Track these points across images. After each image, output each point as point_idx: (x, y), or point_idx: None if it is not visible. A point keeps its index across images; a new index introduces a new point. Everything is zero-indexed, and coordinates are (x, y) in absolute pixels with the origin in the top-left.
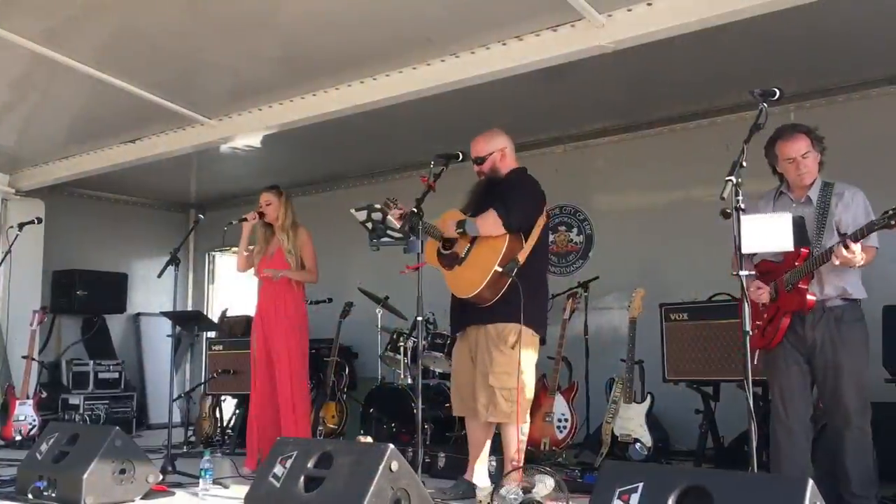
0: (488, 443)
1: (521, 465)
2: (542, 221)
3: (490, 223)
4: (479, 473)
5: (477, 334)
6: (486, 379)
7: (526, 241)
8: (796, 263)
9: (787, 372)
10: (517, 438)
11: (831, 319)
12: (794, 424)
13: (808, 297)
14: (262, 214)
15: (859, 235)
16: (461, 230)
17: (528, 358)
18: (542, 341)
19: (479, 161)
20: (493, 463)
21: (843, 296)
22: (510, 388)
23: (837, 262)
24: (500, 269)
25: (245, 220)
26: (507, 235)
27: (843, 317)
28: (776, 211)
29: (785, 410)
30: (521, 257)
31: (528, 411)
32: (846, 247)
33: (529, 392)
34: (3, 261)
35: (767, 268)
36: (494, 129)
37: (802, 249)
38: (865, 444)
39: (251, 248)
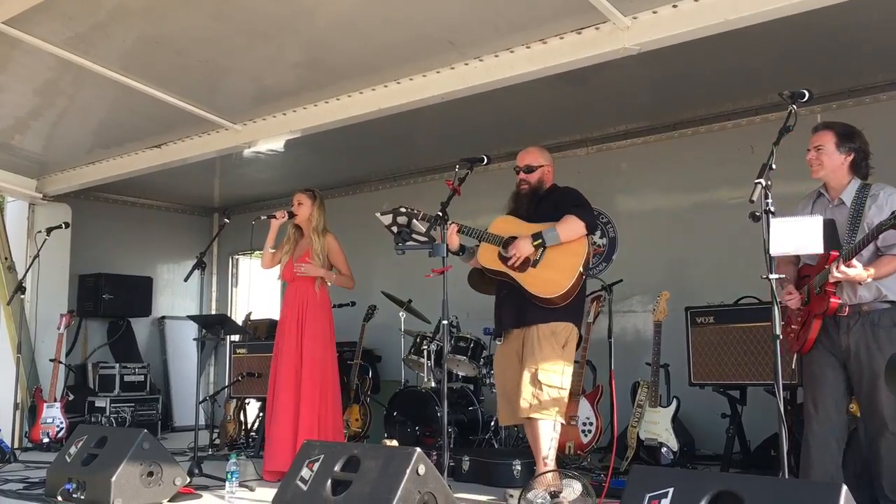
0: None
1: (553, 466)
2: None
3: (574, 228)
4: None
5: (526, 334)
6: (535, 375)
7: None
8: (826, 266)
9: (820, 376)
10: (551, 437)
11: (867, 324)
12: (825, 428)
13: (832, 300)
14: (292, 214)
15: (857, 249)
16: (539, 241)
17: (572, 356)
18: (579, 341)
19: (530, 170)
20: (518, 466)
21: (880, 298)
22: (557, 387)
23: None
24: (582, 270)
25: (274, 216)
26: (585, 238)
27: (881, 322)
28: (814, 212)
29: (816, 414)
30: (590, 258)
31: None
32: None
33: (567, 393)
34: (31, 265)
35: (807, 272)
36: (542, 147)
37: (832, 252)
38: None
39: (273, 249)
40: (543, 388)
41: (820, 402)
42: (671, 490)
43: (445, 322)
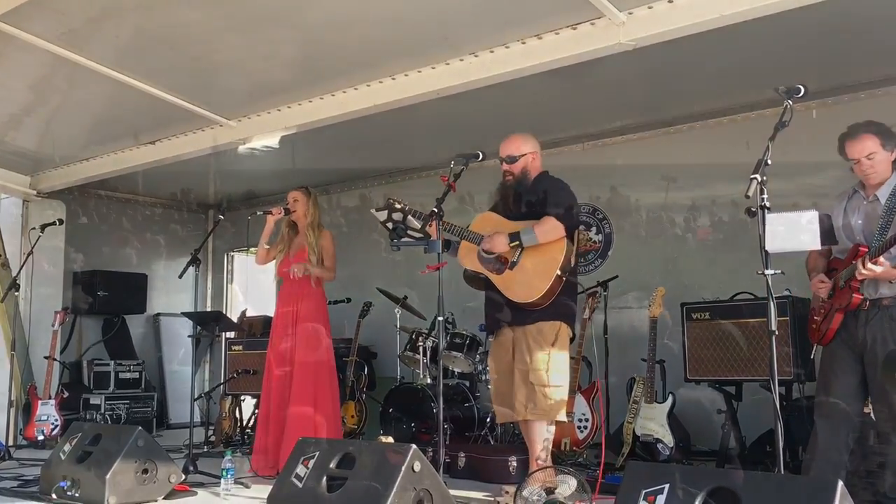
0: None
1: (548, 464)
2: None
3: (552, 230)
4: None
5: (515, 334)
6: (526, 376)
7: (571, 241)
8: (853, 261)
9: (836, 368)
10: (545, 437)
11: (885, 318)
12: (836, 418)
13: (855, 295)
14: (287, 211)
15: (885, 246)
16: (516, 243)
17: (566, 355)
18: (572, 338)
19: (512, 160)
20: (514, 463)
21: None
22: (550, 386)
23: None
24: (559, 273)
25: (270, 213)
26: (565, 239)
27: None
28: (848, 209)
29: (828, 402)
30: (572, 258)
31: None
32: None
33: (566, 391)
34: (25, 262)
35: (835, 265)
36: (527, 133)
37: (861, 247)
38: None
39: (269, 246)
40: (536, 388)
41: (832, 393)
42: (667, 486)
43: (441, 318)
